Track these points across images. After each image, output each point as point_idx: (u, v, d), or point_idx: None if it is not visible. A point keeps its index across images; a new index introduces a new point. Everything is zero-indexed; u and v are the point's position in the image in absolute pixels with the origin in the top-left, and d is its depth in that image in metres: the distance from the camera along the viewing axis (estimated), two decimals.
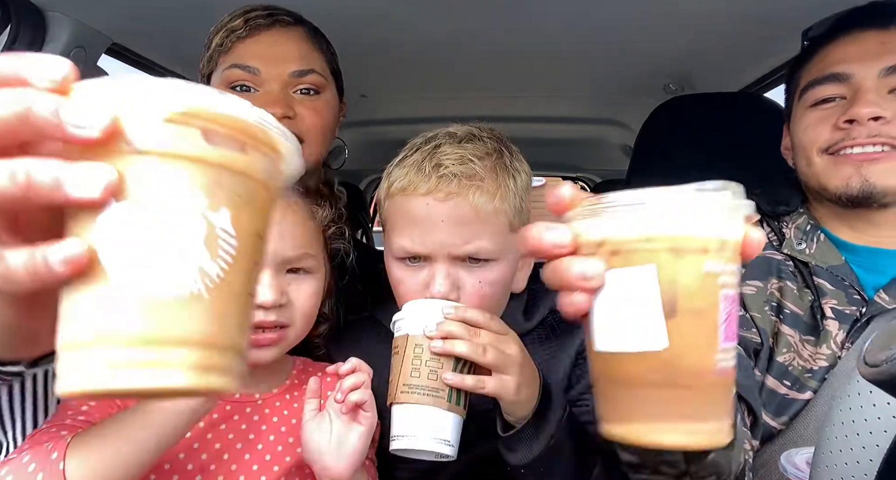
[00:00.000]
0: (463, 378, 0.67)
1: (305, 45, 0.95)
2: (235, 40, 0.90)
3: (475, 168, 0.75)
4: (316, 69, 0.95)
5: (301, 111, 0.93)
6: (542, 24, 1.35)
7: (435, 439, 0.66)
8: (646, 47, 1.50)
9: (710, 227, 0.42)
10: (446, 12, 1.29)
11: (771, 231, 0.99)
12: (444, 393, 0.67)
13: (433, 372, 0.67)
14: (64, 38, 1.24)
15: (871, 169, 0.86)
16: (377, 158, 3.67)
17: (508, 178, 0.78)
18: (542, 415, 0.70)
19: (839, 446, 0.60)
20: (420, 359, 0.68)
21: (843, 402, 0.61)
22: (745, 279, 0.94)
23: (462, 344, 0.66)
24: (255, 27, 0.90)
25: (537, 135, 2.60)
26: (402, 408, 0.68)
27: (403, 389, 0.67)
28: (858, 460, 0.57)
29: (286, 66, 0.91)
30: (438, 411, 0.66)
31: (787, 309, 0.92)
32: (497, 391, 0.67)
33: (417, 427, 0.66)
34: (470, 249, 0.75)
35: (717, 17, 1.29)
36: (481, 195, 0.75)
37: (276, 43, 0.92)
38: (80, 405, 0.68)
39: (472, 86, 1.92)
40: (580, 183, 3.86)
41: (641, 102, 1.88)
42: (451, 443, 0.67)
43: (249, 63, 0.90)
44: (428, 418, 0.66)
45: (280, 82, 0.91)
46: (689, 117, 1.37)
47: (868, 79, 0.87)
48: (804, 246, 0.94)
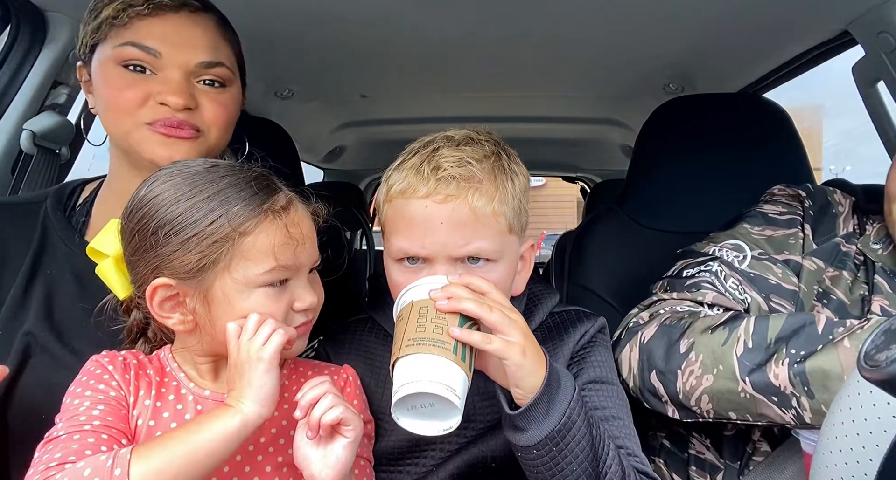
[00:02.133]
0: (469, 333, 0.66)
1: (214, 35, 0.89)
2: (134, 16, 0.83)
3: (473, 170, 0.76)
4: (224, 62, 0.89)
5: (204, 103, 0.88)
6: (542, 24, 1.35)
7: (442, 384, 0.62)
8: (646, 48, 1.50)
9: None
10: (447, 13, 1.29)
11: (857, 222, 1.03)
12: (450, 346, 0.65)
13: (439, 327, 0.65)
14: (64, 38, 1.24)
15: None
16: (377, 158, 3.68)
17: (507, 180, 0.79)
18: (551, 390, 0.69)
19: (839, 446, 0.60)
20: (425, 317, 0.66)
21: (843, 402, 0.61)
22: (811, 255, 0.98)
23: (468, 301, 0.67)
24: (159, 6, 0.83)
25: (537, 135, 2.60)
26: (407, 359, 0.65)
27: (408, 343, 0.65)
28: (858, 460, 0.57)
29: (193, 55, 0.85)
30: (445, 360, 0.64)
31: (834, 296, 0.95)
32: (503, 351, 0.66)
33: (423, 372, 0.63)
34: (469, 250, 0.76)
35: (717, 17, 1.29)
36: (479, 197, 0.75)
37: (182, 27, 0.85)
38: (91, 409, 0.67)
39: (472, 87, 1.92)
40: (580, 183, 3.86)
41: (641, 102, 1.89)
42: (458, 395, 0.63)
43: (150, 44, 0.83)
44: (435, 364, 0.64)
45: (184, 71, 0.85)
46: (690, 117, 1.37)
47: None
48: (879, 247, 0.98)
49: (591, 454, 0.71)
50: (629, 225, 1.34)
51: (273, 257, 0.70)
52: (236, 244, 0.69)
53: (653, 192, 1.35)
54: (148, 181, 0.73)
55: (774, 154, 1.31)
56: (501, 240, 0.78)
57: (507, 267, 0.80)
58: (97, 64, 0.86)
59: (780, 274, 0.99)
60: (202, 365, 0.76)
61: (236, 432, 0.63)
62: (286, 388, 0.80)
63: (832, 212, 1.04)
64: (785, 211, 1.06)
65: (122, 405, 0.71)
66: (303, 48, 1.51)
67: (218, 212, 0.69)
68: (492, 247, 0.76)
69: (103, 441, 0.65)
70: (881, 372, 0.44)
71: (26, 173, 1.25)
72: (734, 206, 1.25)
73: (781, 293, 0.97)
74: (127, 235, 0.73)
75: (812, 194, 1.06)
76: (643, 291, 1.16)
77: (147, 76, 0.84)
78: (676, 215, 1.31)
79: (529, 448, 0.69)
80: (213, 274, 0.69)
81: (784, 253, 1.01)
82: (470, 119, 2.35)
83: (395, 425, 0.68)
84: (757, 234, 1.04)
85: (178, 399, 0.74)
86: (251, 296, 0.70)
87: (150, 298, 0.70)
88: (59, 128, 1.27)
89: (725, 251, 1.02)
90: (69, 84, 1.29)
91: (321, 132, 2.53)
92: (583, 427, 0.70)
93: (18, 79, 1.23)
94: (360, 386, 0.85)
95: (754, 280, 0.98)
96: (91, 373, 0.72)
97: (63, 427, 0.66)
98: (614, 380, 0.90)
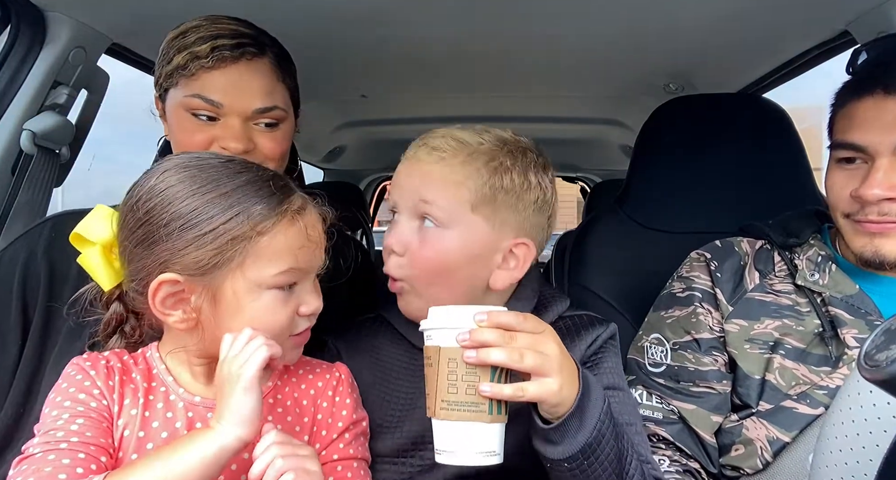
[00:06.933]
0: (501, 388, 0.65)
1: (270, 79, 0.96)
2: (200, 68, 0.91)
3: (451, 143, 0.83)
4: (279, 104, 0.96)
5: (260, 141, 0.96)
6: (543, 24, 1.35)
7: (478, 453, 0.65)
8: (646, 48, 1.50)
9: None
10: (447, 13, 1.29)
11: (782, 262, 1.00)
12: (485, 406, 0.65)
13: (471, 387, 0.65)
14: (64, 38, 1.24)
15: (883, 241, 0.88)
16: (377, 158, 3.68)
17: (483, 166, 0.82)
18: (584, 405, 0.68)
19: (839, 446, 0.60)
20: (455, 374, 0.65)
21: (843, 402, 0.61)
22: (731, 317, 0.98)
23: (498, 352, 0.64)
24: (221, 59, 0.91)
25: (537, 135, 2.58)
26: (443, 424, 0.67)
27: (443, 406, 0.66)
28: (858, 460, 0.57)
29: (250, 103, 0.93)
30: (480, 425, 0.65)
31: (788, 345, 0.94)
32: (539, 395, 0.66)
33: (460, 444, 0.66)
34: (423, 197, 0.82)
35: (717, 17, 1.29)
36: (445, 165, 0.82)
37: (241, 77, 0.93)
38: (70, 423, 0.65)
39: (473, 86, 1.92)
40: (580, 183, 3.86)
41: (641, 102, 1.88)
42: (496, 453, 0.66)
43: (213, 97, 0.91)
44: (470, 434, 0.65)
45: (243, 117, 0.94)
46: (690, 117, 1.37)
47: (881, 154, 0.86)
48: (817, 276, 0.95)
49: (617, 463, 0.71)
50: (629, 225, 1.34)
51: (290, 258, 0.69)
52: (252, 243, 0.68)
53: (653, 192, 1.35)
54: (156, 171, 0.71)
55: (774, 154, 1.30)
56: (459, 209, 0.82)
57: (460, 241, 0.82)
58: (171, 106, 0.96)
59: (691, 358, 0.99)
60: (197, 366, 0.74)
61: (213, 458, 0.61)
62: (279, 390, 0.80)
63: (741, 264, 1.02)
64: (685, 287, 1.04)
65: (104, 416, 0.68)
66: (302, 48, 1.50)
67: (237, 209, 0.67)
68: (443, 204, 0.81)
69: (79, 462, 0.62)
70: (881, 372, 0.44)
71: (26, 173, 1.25)
72: (734, 206, 1.26)
73: (703, 376, 0.97)
74: (130, 226, 0.70)
75: (719, 253, 1.04)
76: (643, 291, 1.16)
77: (211, 123, 0.93)
78: (676, 215, 1.31)
79: (560, 461, 0.68)
80: (225, 273, 0.68)
81: (691, 334, 1.00)
82: (470, 119, 2.36)
83: (400, 423, 0.68)
84: (669, 318, 1.04)
85: (168, 406, 0.72)
86: (261, 298, 0.69)
87: (153, 293, 0.68)
88: (59, 128, 1.27)
89: (651, 349, 1.03)
90: (69, 84, 1.29)
91: (321, 132, 2.53)
92: (612, 439, 0.70)
93: (18, 79, 1.23)
94: (352, 384, 0.84)
95: (678, 373, 0.99)
96: (71, 380, 0.70)
97: (39, 444, 0.63)
98: (625, 387, 0.90)
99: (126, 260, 0.72)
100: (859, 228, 0.90)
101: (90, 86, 1.37)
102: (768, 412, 0.91)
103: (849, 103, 0.90)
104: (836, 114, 0.94)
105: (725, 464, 0.95)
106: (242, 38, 0.94)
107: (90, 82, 1.36)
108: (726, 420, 0.96)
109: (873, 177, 0.86)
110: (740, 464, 0.92)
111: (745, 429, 0.93)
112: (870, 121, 0.87)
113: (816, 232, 1.03)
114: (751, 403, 0.94)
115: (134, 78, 1.52)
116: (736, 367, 0.96)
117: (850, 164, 0.91)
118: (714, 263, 1.03)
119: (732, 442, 0.94)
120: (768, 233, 1.03)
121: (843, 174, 0.92)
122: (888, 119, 0.85)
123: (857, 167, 0.90)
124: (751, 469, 0.91)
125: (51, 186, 1.30)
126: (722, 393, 0.96)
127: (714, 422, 0.95)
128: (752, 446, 0.91)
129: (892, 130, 0.84)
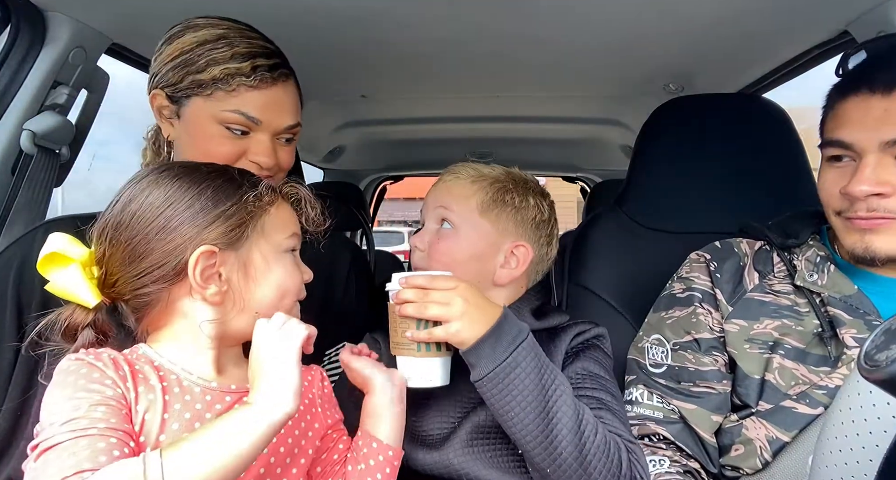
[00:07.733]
0: (417, 333, 0.84)
1: (297, 99, 1.02)
2: (241, 85, 0.93)
3: (468, 169, 1.04)
4: (300, 121, 1.02)
5: (280, 155, 1.01)
6: (543, 24, 1.35)
7: (422, 378, 0.87)
8: (646, 48, 1.50)
9: None
10: (446, 12, 1.29)
11: (781, 263, 1.01)
12: (414, 346, 0.85)
13: (404, 331, 0.85)
14: (64, 37, 1.24)
15: (873, 237, 0.89)
16: (377, 158, 3.68)
17: (489, 186, 1.01)
18: (496, 340, 0.81)
19: (839, 446, 0.60)
20: (395, 321, 0.87)
21: (843, 402, 0.61)
22: (731, 317, 0.99)
23: (409, 306, 0.83)
24: (263, 80, 0.95)
25: (537, 135, 2.60)
26: (397, 359, 0.89)
27: (392, 346, 0.88)
28: (858, 460, 0.57)
29: (283, 121, 0.99)
30: (415, 359, 0.86)
31: (788, 345, 0.94)
32: (444, 336, 0.82)
33: (408, 373, 0.88)
34: (442, 205, 1.01)
35: (717, 17, 1.29)
36: (461, 182, 1.03)
37: (278, 97, 0.98)
38: (91, 410, 0.63)
39: (472, 87, 1.92)
40: (580, 183, 3.86)
41: (641, 102, 1.88)
42: (438, 377, 0.87)
43: (254, 114, 0.94)
44: (412, 366, 0.87)
45: (273, 133, 0.98)
46: (690, 117, 1.37)
47: (869, 150, 0.87)
48: (815, 277, 0.96)
49: (539, 394, 0.80)
50: (629, 225, 1.34)
51: (293, 224, 0.81)
52: (266, 212, 0.78)
53: (652, 192, 1.35)
54: (143, 179, 0.76)
55: (774, 154, 1.30)
56: (468, 215, 1.00)
57: (468, 240, 0.99)
58: (195, 113, 0.96)
59: (692, 358, 1.00)
60: (201, 355, 0.75)
61: (264, 434, 0.63)
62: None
63: (740, 265, 1.03)
64: (685, 287, 1.05)
65: (123, 403, 0.66)
66: (303, 48, 1.50)
67: (245, 187, 0.77)
68: (455, 210, 1.00)
69: (113, 446, 0.61)
70: (881, 372, 0.44)
71: (26, 173, 1.25)
72: (734, 206, 1.26)
73: (703, 376, 0.98)
74: (148, 217, 0.73)
75: (718, 253, 1.06)
76: (643, 291, 1.16)
77: (243, 137, 0.96)
78: (676, 215, 1.31)
79: (477, 382, 0.81)
80: (251, 241, 0.76)
81: (691, 334, 1.01)
82: (470, 119, 2.37)
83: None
84: (669, 319, 1.05)
85: (184, 390, 0.72)
86: (283, 259, 0.79)
87: (193, 267, 0.72)
88: (59, 128, 1.27)
89: (651, 350, 1.04)
90: (69, 84, 1.29)
91: (321, 132, 2.53)
92: (532, 372, 0.80)
93: (18, 79, 1.23)
94: (328, 386, 0.91)
95: (679, 373, 1.00)
96: (76, 373, 0.66)
97: (62, 433, 0.60)
98: (609, 378, 0.95)
99: (137, 258, 0.72)
100: (850, 225, 0.91)
101: (90, 86, 1.37)
102: (768, 412, 0.92)
103: (836, 103, 0.92)
104: (826, 114, 0.96)
105: (725, 464, 0.95)
106: (276, 57, 0.99)
107: (90, 82, 1.36)
108: (726, 420, 0.96)
109: (861, 173, 0.87)
110: (740, 464, 0.92)
111: (745, 429, 0.93)
112: (856, 119, 0.88)
113: (815, 232, 1.03)
114: (750, 403, 0.94)
115: (134, 78, 1.52)
116: (735, 367, 0.97)
117: (840, 162, 0.92)
118: (714, 264, 1.04)
119: (732, 442, 0.94)
120: (767, 234, 1.04)
121: (833, 172, 0.93)
122: (873, 116, 0.87)
123: (846, 164, 0.91)
124: (750, 469, 0.91)
125: (51, 186, 1.30)
126: (722, 393, 0.97)
127: (714, 422, 0.96)
128: (752, 446, 0.91)
129: (877, 127, 0.86)
